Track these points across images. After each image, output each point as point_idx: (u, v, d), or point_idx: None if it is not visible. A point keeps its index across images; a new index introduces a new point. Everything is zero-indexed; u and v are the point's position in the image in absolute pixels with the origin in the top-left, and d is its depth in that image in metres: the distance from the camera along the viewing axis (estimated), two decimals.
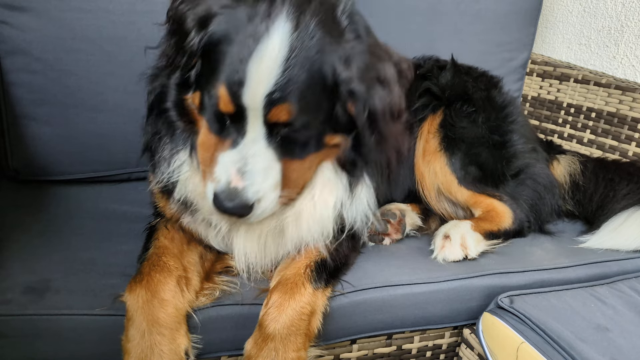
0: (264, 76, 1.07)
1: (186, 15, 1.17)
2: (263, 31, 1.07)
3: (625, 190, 1.80)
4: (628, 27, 2.36)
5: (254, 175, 1.12)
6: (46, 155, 1.79)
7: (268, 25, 1.08)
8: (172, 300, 1.19)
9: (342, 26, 1.15)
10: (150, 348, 1.13)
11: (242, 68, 1.07)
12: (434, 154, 1.75)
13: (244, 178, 1.11)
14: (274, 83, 1.07)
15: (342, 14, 1.16)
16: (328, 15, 1.14)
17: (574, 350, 1.25)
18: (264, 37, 1.07)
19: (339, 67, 1.12)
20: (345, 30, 1.15)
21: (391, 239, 1.67)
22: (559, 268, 1.60)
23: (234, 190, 1.12)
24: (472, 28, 2.30)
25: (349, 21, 1.16)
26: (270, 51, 1.07)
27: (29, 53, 1.70)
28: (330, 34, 1.12)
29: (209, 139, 1.18)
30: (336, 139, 1.22)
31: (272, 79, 1.07)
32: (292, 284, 1.26)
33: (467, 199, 1.74)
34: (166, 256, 1.27)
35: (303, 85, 1.09)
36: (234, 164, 1.12)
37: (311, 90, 1.11)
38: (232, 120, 1.13)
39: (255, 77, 1.07)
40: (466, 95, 1.81)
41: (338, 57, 1.12)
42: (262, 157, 1.13)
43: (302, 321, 1.24)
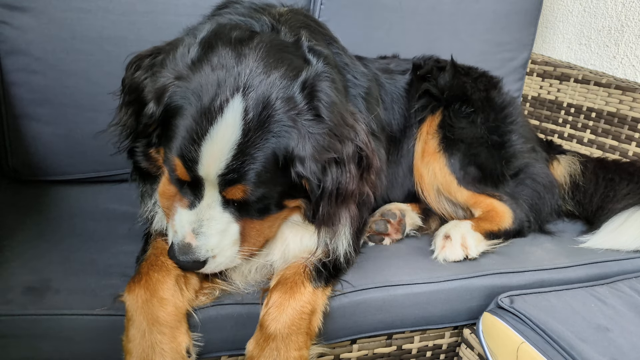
0: (217, 157, 1.08)
1: (144, 84, 1.18)
2: (217, 110, 1.07)
3: (626, 190, 1.81)
4: (628, 27, 2.35)
5: (208, 237, 1.16)
6: (46, 155, 1.79)
7: (222, 105, 1.07)
8: (172, 299, 1.19)
9: (300, 104, 1.11)
10: (151, 347, 1.13)
11: (196, 148, 1.08)
12: (433, 155, 1.75)
13: (198, 238, 1.16)
14: (226, 165, 1.08)
15: (303, 90, 1.12)
16: (286, 92, 1.11)
17: (574, 350, 1.25)
18: (217, 117, 1.06)
19: (294, 148, 1.10)
20: (303, 110, 1.12)
21: (391, 239, 1.67)
22: (559, 268, 1.60)
23: (188, 245, 1.16)
24: (472, 28, 2.30)
25: (308, 99, 1.12)
26: (224, 133, 1.07)
27: (29, 53, 1.70)
28: (287, 114, 1.10)
29: (169, 190, 1.22)
30: (296, 202, 1.25)
31: (225, 161, 1.08)
32: (292, 283, 1.27)
33: (466, 199, 1.74)
34: (164, 256, 1.27)
35: (258, 165, 1.09)
36: (190, 224, 1.16)
37: (266, 169, 1.11)
38: (189, 185, 1.15)
39: (209, 158, 1.08)
40: (465, 96, 1.81)
41: (294, 137, 1.10)
42: (217, 220, 1.16)
43: (303, 320, 1.24)
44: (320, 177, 1.15)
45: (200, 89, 1.09)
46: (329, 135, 1.14)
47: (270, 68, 1.12)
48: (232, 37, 1.17)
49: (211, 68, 1.11)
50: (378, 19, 2.16)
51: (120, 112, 1.25)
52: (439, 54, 2.02)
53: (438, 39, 2.25)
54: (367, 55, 1.87)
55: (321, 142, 1.13)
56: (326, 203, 1.19)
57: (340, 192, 1.20)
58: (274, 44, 1.19)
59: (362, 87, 1.51)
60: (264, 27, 1.29)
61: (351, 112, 1.24)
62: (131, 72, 1.23)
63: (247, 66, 1.11)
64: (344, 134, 1.17)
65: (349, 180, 1.19)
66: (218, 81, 1.09)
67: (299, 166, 1.12)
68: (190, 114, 1.08)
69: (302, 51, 1.22)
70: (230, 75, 1.09)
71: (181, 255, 1.17)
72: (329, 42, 1.47)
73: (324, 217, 1.22)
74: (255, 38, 1.18)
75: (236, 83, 1.08)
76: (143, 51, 1.26)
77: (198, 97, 1.09)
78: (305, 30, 1.30)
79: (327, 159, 1.14)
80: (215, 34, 1.19)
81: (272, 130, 1.09)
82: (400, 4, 2.18)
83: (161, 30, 1.80)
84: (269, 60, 1.13)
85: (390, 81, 1.84)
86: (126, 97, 1.24)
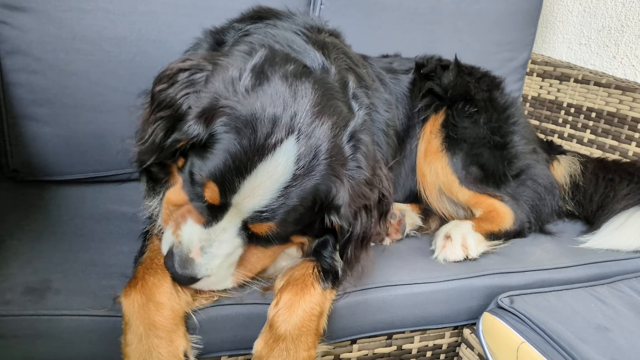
0: (258, 194, 1.07)
1: (182, 101, 1.14)
2: (270, 148, 1.05)
3: (626, 191, 1.81)
4: (628, 27, 2.36)
5: (214, 258, 1.15)
6: (46, 155, 1.79)
7: (276, 144, 1.05)
8: (168, 303, 1.18)
9: (346, 155, 1.14)
10: (148, 351, 1.13)
11: (239, 179, 1.06)
12: (435, 154, 1.75)
13: (203, 256, 1.14)
14: (266, 204, 1.08)
15: (350, 141, 1.15)
16: (336, 140, 1.12)
17: (574, 350, 1.25)
18: (268, 155, 1.05)
19: (334, 196, 1.12)
20: (348, 159, 1.14)
21: (391, 239, 1.67)
22: (559, 268, 1.60)
23: (190, 260, 1.15)
24: (472, 28, 2.30)
25: (353, 151, 1.15)
26: (272, 173, 1.06)
27: (29, 53, 1.70)
28: (333, 163, 1.11)
29: (180, 198, 1.20)
30: (302, 240, 1.28)
31: (266, 201, 1.07)
32: (302, 284, 1.26)
33: (468, 199, 1.74)
34: (160, 258, 1.26)
35: (295, 208, 1.10)
36: (200, 241, 1.14)
37: (301, 212, 1.12)
38: (211, 207, 1.14)
39: (249, 192, 1.07)
40: (468, 96, 1.81)
41: (336, 185, 1.12)
42: (228, 244, 1.15)
43: (312, 322, 1.24)
44: (352, 222, 1.18)
45: (254, 120, 1.07)
46: (364, 184, 1.17)
47: (323, 115, 1.12)
48: (287, 72, 1.15)
49: (267, 101, 1.08)
50: (378, 19, 2.16)
51: (150, 127, 1.19)
52: (439, 54, 2.02)
53: (438, 39, 2.25)
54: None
55: (357, 190, 1.15)
56: (353, 247, 1.23)
57: (365, 236, 1.23)
58: (327, 87, 1.19)
59: (383, 122, 1.54)
60: (315, 63, 1.27)
61: (378, 160, 1.27)
62: (164, 86, 1.18)
63: (303, 107, 1.10)
64: (374, 182, 1.21)
65: (374, 224, 1.24)
66: (274, 117, 1.07)
67: (335, 214, 1.15)
68: (240, 144, 1.06)
69: (347, 98, 1.23)
70: (286, 114, 1.08)
71: (180, 269, 1.15)
72: (360, 81, 1.49)
73: (350, 258, 1.25)
74: (310, 77, 1.17)
75: (292, 123, 1.07)
76: (176, 64, 1.20)
77: (252, 129, 1.06)
78: (350, 74, 1.31)
79: (359, 206, 1.18)
80: (268, 62, 1.16)
81: (317, 177, 1.10)
82: (400, 4, 2.18)
83: (161, 30, 1.81)
84: (323, 106, 1.13)
85: (394, 81, 1.84)
86: (158, 112, 1.18)
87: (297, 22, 1.47)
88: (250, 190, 1.07)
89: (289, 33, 1.38)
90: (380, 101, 1.59)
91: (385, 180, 1.25)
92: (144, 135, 1.20)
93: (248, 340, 1.30)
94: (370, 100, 1.50)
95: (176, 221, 1.20)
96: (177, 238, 1.18)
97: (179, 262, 1.15)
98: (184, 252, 1.16)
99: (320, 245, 1.29)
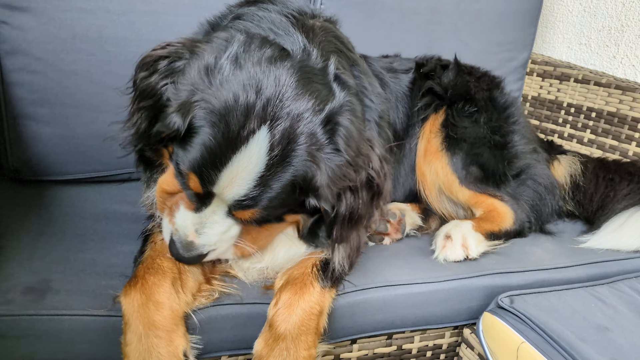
0: (235, 184, 1.09)
1: (162, 91, 1.15)
2: (242, 139, 1.06)
3: (626, 191, 1.81)
4: (628, 27, 2.36)
5: (210, 236, 1.19)
6: (46, 155, 1.79)
7: (248, 135, 1.06)
8: (168, 302, 1.19)
9: (322, 140, 1.13)
10: (147, 351, 1.13)
11: (215, 171, 1.08)
12: (435, 154, 1.75)
13: (200, 237, 1.18)
14: (244, 193, 1.10)
15: (325, 125, 1.13)
16: (310, 127, 1.11)
17: (574, 350, 1.25)
18: (242, 147, 1.06)
19: (312, 179, 1.13)
20: (324, 145, 1.13)
21: (391, 238, 1.67)
22: (559, 268, 1.60)
23: (190, 243, 1.19)
24: (472, 28, 2.30)
25: (329, 134, 1.14)
26: (246, 163, 1.07)
27: (29, 53, 1.70)
28: (309, 149, 1.11)
29: (172, 186, 1.22)
30: (295, 218, 1.28)
31: (244, 189, 1.09)
32: (301, 283, 1.27)
33: (468, 199, 1.74)
34: (160, 258, 1.26)
35: (273, 194, 1.11)
36: (194, 225, 1.18)
37: (280, 196, 1.13)
38: (197, 194, 1.16)
39: (227, 182, 1.09)
40: (468, 95, 1.81)
41: (313, 170, 1.12)
42: (219, 224, 1.18)
43: (312, 320, 1.24)
44: (334, 204, 1.18)
45: (227, 113, 1.07)
46: (345, 166, 1.16)
47: (297, 99, 1.11)
48: (262, 57, 1.14)
49: (239, 91, 1.09)
50: (378, 18, 2.16)
51: (134, 116, 1.22)
52: (439, 53, 2.02)
53: (438, 39, 2.25)
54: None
55: (337, 173, 1.15)
56: (339, 227, 1.23)
57: (353, 217, 1.23)
58: (305, 71, 1.17)
59: (376, 112, 1.52)
60: (295, 46, 1.26)
61: (367, 139, 1.25)
62: (145, 74, 1.20)
63: (277, 94, 1.10)
64: (359, 163, 1.19)
65: (361, 206, 1.23)
66: (247, 108, 1.07)
67: (314, 197, 1.15)
68: (215, 137, 1.07)
69: (328, 79, 1.21)
70: (258, 103, 1.08)
71: (185, 252, 1.19)
72: (352, 64, 1.47)
73: (337, 238, 1.26)
74: (287, 60, 1.16)
75: (264, 113, 1.07)
76: (156, 51, 1.21)
77: (225, 122, 1.07)
78: (334, 55, 1.29)
79: (342, 187, 1.17)
80: (244, 49, 1.15)
81: (293, 163, 1.10)
82: (400, 4, 2.18)
83: (161, 30, 1.81)
84: (298, 90, 1.12)
85: (394, 80, 1.84)
86: (141, 102, 1.20)
87: (290, 6, 1.45)
88: (227, 181, 1.09)
89: (276, 15, 1.36)
90: (374, 94, 1.56)
91: (377, 161, 1.24)
92: (131, 125, 1.23)
93: (248, 340, 1.30)
94: (362, 83, 1.48)
95: (170, 209, 1.22)
96: (173, 226, 1.21)
97: (181, 247, 1.19)
98: (182, 237, 1.19)
99: (315, 224, 1.28)
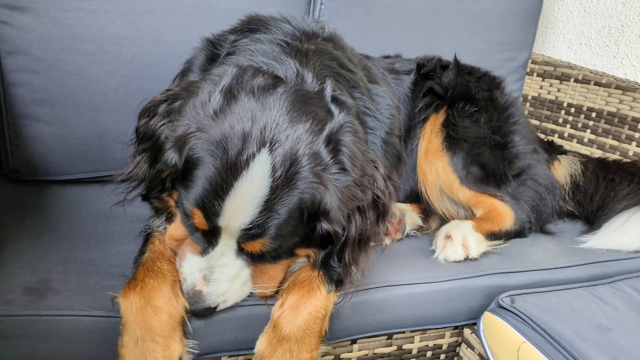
0: (241, 212, 1.06)
1: (160, 131, 1.16)
2: (243, 165, 1.04)
3: (626, 191, 1.81)
4: (628, 27, 2.36)
5: (219, 284, 1.16)
6: (46, 155, 1.79)
7: (248, 159, 1.05)
8: (166, 307, 1.18)
9: (326, 159, 1.11)
10: (143, 355, 1.12)
11: (219, 201, 1.06)
12: (436, 154, 1.75)
13: (209, 285, 1.16)
14: (250, 221, 1.07)
15: (328, 145, 1.12)
16: (312, 148, 1.09)
17: (575, 349, 1.25)
18: (243, 172, 1.04)
19: (320, 202, 1.10)
20: (329, 165, 1.11)
21: (391, 238, 1.67)
22: (560, 268, 1.60)
23: (198, 293, 1.17)
24: (472, 28, 2.30)
25: (333, 154, 1.12)
26: (250, 189, 1.05)
27: (29, 53, 1.70)
28: (314, 170, 1.09)
29: (180, 233, 1.21)
30: (307, 252, 1.27)
31: (250, 217, 1.07)
32: (309, 286, 1.26)
33: (468, 199, 1.74)
34: (161, 261, 1.26)
35: (282, 221, 1.09)
36: (201, 271, 1.16)
37: (289, 224, 1.10)
38: (204, 232, 1.15)
39: (232, 212, 1.07)
40: (469, 95, 1.81)
41: (321, 192, 1.09)
42: (229, 267, 1.16)
43: (316, 324, 1.24)
44: (345, 226, 1.16)
45: (225, 141, 1.06)
46: (353, 186, 1.14)
47: (295, 122, 1.10)
48: (254, 86, 1.14)
49: (235, 119, 1.08)
50: (378, 19, 2.16)
51: (134, 160, 1.21)
52: (439, 53, 2.02)
53: (438, 39, 2.25)
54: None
55: (346, 193, 1.13)
56: (350, 250, 1.22)
57: (362, 238, 1.22)
58: (299, 94, 1.17)
59: (382, 130, 1.51)
60: (289, 72, 1.26)
61: (371, 160, 1.24)
62: (146, 119, 1.20)
63: (272, 119, 1.08)
64: (365, 183, 1.18)
65: (369, 226, 1.22)
66: (244, 134, 1.06)
67: (325, 221, 1.13)
68: (215, 166, 1.06)
69: (325, 102, 1.20)
70: (255, 129, 1.07)
71: (193, 304, 1.17)
72: (352, 86, 1.46)
73: (349, 262, 1.24)
74: (279, 87, 1.16)
75: (262, 137, 1.06)
76: (156, 97, 1.22)
77: (223, 150, 1.06)
78: (330, 78, 1.29)
79: (351, 208, 1.16)
80: (237, 80, 1.15)
81: (299, 186, 1.08)
82: (400, 4, 2.18)
83: (161, 30, 1.81)
84: (294, 113, 1.11)
85: (396, 81, 1.84)
86: (141, 145, 1.20)
87: (284, 31, 1.45)
88: (232, 211, 1.06)
89: (268, 45, 1.36)
90: (382, 106, 1.56)
91: (381, 181, 1.23)
92: (131, 170, 1.22)
93: (248, 341, 1.30)
94: (365, 105, 1.47)
95: (179, 258, 1.22)
96: (181, 275, 1.20)
97: (190, 298, 1.18)
98: (189, 287, 1.18)
99: (327, 256, 1.27)
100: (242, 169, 1.05)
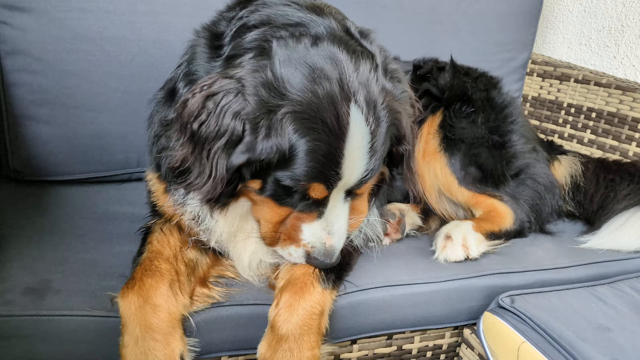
0: (357, 168, 1.14)
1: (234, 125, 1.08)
2: (344, 126, 1.09)
3: (626, 191, 1.80)
4: (628, 27, 2.36)
5: (340, 230, 1.25)
6: (46, 155, 1.79)
7: (346, 119, 1.09)
8: (165, 305, 1.18)
9: (391, 89, 1.20)
10: (144, 354, 1.13)
11: (336, 167, 1.12)
12: (433, 155, 1.75)
13: (333, 237, 1.25)
14: (365, 169, 1.16)
15: (386, 76, 1.20)
16: (379, 84, 1.16)
17: (575, 350, 1.25)
18: (347, 133, 1.10)
19: (400, 128, 1.22)
20: (395, 94, 1.20)
21: (391, 238, 1.67)
22: (560, 268, 1.60)
23: (330, 248, 1.25)
24: (472, 28, 2.30)
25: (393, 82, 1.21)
26: (358, 145, 1.12)
27: (29, 53, 1.70)
28: (389, 102, 1.17)
29: (279, 212, 1.23)
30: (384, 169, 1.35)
31: (363, 167, 1.15)
32: (302, 283, 1.27)
33: (467, 200, 1.74)
34: (158, 260, 1.26)
35: (380, 157, 1.19)
36: (324, 230, 1.23)
37: (384, 156, 1.22)
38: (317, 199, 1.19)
39: (350, 172, 1.14)
40: (465, 96, 1.81)
41: (399, 119, 1.21)
42: (343, 214, 1.25)
43: (314, 320, 1.24)
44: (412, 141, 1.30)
45: (317, 110, 1.08)
46: (411, 103, 1.28)
47: (356, 67, 1.14)
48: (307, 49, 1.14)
49: (313, 85, 1.09)
50: (378, 19, 2.16)
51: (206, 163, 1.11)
52: (439, 54, 2.01)
53: (438, 39, 2.25)
54: None
55: (410, 112, 1.27)
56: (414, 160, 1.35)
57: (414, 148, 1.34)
58: (342, 41, 1.19)
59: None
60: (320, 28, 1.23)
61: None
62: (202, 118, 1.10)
63: (341, 71, 1.12)
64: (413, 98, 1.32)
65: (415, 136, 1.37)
66: (330, 96, 1.09)
67: (405, 141, 1.26)
68: (319, 138, 1.09)
69: (359, 41, 1.25)
70: (335, 87, 1.10)
71: (327, 259, 1.25)
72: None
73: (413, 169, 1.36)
74: (325, 41, 1.16)
75: (344, 92, 1.10)
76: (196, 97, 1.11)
77: (321, 120, 1.08)
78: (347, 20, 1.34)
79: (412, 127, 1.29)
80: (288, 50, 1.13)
81: (386, 122, 1.17)
82: (400, 4, 2.18)
83: (161, 30, 1.81)
84: (351, 59, 1.15)
85: None
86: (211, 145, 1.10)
87: None
88: (350, 170, 1.13)
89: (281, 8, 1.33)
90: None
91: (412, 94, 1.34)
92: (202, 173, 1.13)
93: (248, 341, 1.30)
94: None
95: (290, 236, 1.26)
96: (305, 248, 1.25)
97: (325, 257, 1.24)
98: (321, 249, 1.24)
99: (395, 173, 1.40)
100: (345, 129, 1.10)
